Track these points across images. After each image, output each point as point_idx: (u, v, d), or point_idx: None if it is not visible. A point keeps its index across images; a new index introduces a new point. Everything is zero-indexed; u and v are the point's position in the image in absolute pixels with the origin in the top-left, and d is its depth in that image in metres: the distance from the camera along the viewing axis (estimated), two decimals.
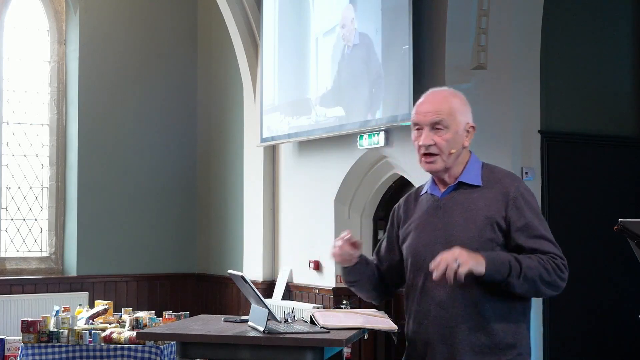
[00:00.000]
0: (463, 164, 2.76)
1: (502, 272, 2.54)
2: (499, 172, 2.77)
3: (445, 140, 2.70)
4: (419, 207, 2.85)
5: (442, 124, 2.70)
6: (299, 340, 4.01)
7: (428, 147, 2.72)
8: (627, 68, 6.90)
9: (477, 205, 2.68)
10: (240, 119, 8.61)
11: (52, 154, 8.97)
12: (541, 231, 2.65)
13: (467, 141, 2.75)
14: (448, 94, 2.77)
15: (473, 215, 2.67)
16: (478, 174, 2.75)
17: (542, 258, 2.59)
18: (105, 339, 5.87)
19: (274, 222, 8.12)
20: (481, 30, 6.00)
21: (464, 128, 2.73)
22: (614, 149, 6.68)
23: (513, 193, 2.67)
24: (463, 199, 2.72)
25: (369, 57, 6.59)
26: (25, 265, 8.78)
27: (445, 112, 2.70)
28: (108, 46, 8.98)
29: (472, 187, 2.73)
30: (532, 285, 2.57)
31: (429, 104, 2.74)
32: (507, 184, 2.70)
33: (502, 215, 2.64)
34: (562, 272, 2.60)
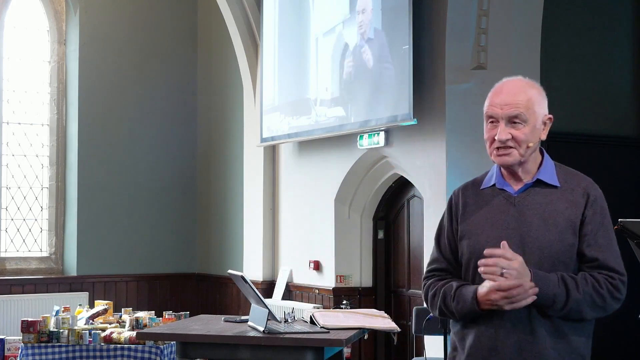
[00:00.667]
0: (538, 160, 2.57)
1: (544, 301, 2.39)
2: (577, 174, 2.60)
3: (524, 134, 2.49)
4: (483, 202, 2.60)
5: (521, 118, 2.49)
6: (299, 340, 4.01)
7: (505, 142, 2.49)
8: (627, 68, 6.90)
9: (558, 207, 2.50)
10: (240, 119, 8.61)
11: (52, 154, 8.97)
12: (608, 240, 2.50)
13: (544, 134, 2.55)
14: (526, 84, 2.57)
15: (553, 217, 2.48)
16: (554, 174, 2.56)
17: (599, 280, 2.44)
18: (105, 339, 5.87)
19: (274, 222, 8.12)
20: (481, 30, 6.00)
21: (542, 121, 2.53)
22: (614, 149, 6.68)
23: (593, 197, 2.52)
24: (541, 198, 2.52)
25: (374, 53, 6.58)
26: (25, 265, 8.78)
27: (524, 104, 2.49)
28: (108, 46, 8.98)
29: (549, 187, 2.54)
30: (576, 314, 2.45)
31: (506, 95, 2.53)
32: (588, 188, 2.54)
33: (580, 218, 2.49)
34: (619, 292, 2.47)
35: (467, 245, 2.55)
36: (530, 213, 2.50)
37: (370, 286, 7.38)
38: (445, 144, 6.02)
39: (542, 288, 2.37)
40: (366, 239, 7.39)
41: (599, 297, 2.43)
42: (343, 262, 7.30)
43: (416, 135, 6.30)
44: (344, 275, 7.28)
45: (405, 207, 7.16)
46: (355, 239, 7.36)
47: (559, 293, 2.39)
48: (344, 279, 7.28)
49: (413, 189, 6.89)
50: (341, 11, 6.97)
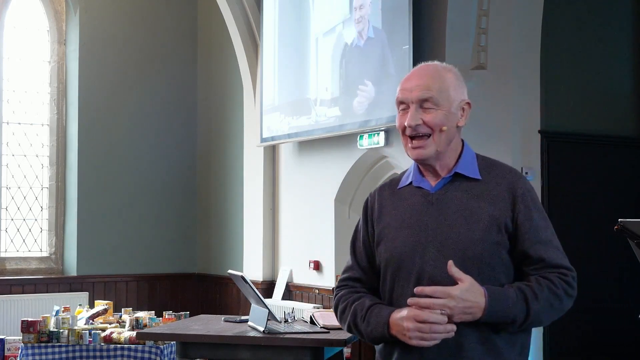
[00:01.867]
0: (457, 152, 2.35)
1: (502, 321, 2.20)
2: (499, 165, 2.37)
3: (436, 118, 2.29)
4: (400, 202, 2.38)
5: (432, 101, 2.29)
6: (299, 340, 4.01)
7: (416, 128, 2.30)
8: (627, 68, 6.90)
9: (480, 202, 2.27)
10: (240, 119, 8.61)
11: (52, 154, 8.97)
12: (548, 236, 2.29)
13: (462, 121, 2.35)
14: (440, 68, 2.37)
15: (475, 214, 2.26)
16: (475, 166, 2.34)
17: (553, 281, 2.23)
18: (105, 339, 5.87)
19: (274, 222, 8.12)
20: (481, 30, 6.00)
21: (457, 106, 2.34)
22: (614, 149, 6.68)
23: (521, 190, 2.29)
24: (461, 194, 2.30)
25: (374, 53, 6.58)
26: (25, 265, 8.78)
27: (436, 87, 2.30)
28: (108, 46, 8.98)
29: (470, 181, 2.32)
30: (537, 324, 2.26)
31: (417, 78, 2.34)
32: (513, 180, 2.31)
33: (509, 215, 2.26)
34: (573, 289, 2.28)
35: (383, 251, 2.35)
36: (450, 211, 2.28)
37: None
38: None
39: (497, 310, 2.17)
40: None
41: (557, 299, 2.23)
42: (343, 262, 7.26)
43: None
44: None
45: None
46: None
47: (518, 310, 2.19)
48: None
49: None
50: (341, 11, 6.97)
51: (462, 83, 2.39)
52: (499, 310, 2.16)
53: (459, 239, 2.24)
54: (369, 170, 7.15)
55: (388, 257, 2.33)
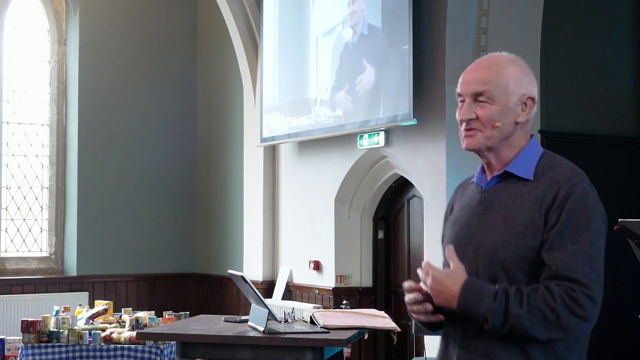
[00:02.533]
0: (517, 148, 2.23)
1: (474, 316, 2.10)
2: (561, 167, 2.19)
3: (489, 113, 2.18)
4: (463, 199, 2.34)
5: (486, 96, 2.18)
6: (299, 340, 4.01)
7: (469, 122, 2.20)
8: (627, 68, 6.90)
9: (522, 204, 2.14)
10: (240, 119, 8.61)
11: (52, 154, 8.97)
12: (574, 245, 2.06)
13: (523, 117, 2.22)
14: (504, 59, 2.24)
15: (515, 216, 2.14)
16: (532, 165, 2.20)
17: (553, 292, 2.04)
18: (105, 339, 5.87)
19: (274, 222, 8.12)
20: (481, 30, 6.00)
21: (518, 100, 2.20)
22: (614, 149, 6.68)
23: (564, 193, 2.11)
24: (508, 193, 2.18)
25: (374, 52, 6.58)
26: (25, 265, 8.78)
27: (490, 81, 2.18)
28: (108, 46, 8.98)
29: (521, 181, 2.19)
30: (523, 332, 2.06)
31: (475, 70, 2.23)
32: (562, 182, 2.13)
33: (544, 218, 2.11)
34: (581, 307, 2.03)
35: (443, 247, 2.33)
36: (493, 211, 2.19)
37: (370, 286, 7.37)
38: (445, 144, 6.01)
39: (470, 303, 2.08)
40: (366, 239, 7.39)
41: (551, 312, 2.02)
42: (343, 262, 7.30)
43: (416, 135, 6.30)
44: (344, 275, 7.28)
45: (405, 207, 7.16)
46: (355, 239, 7.36)
47: (492, 309, 2.05)
48: (344, 279, 7.28)
49: (413, 189, 6.89)
50: (341, 11, 6.97)
51: (529, 76, 2.25)
52: (471, 304, 2.08)
53: (494, 241, 2.15)
54: (369, 170, 7.15)
55: (443, 254, 2.30)
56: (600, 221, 2.12)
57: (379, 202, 7.40)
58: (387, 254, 7.38)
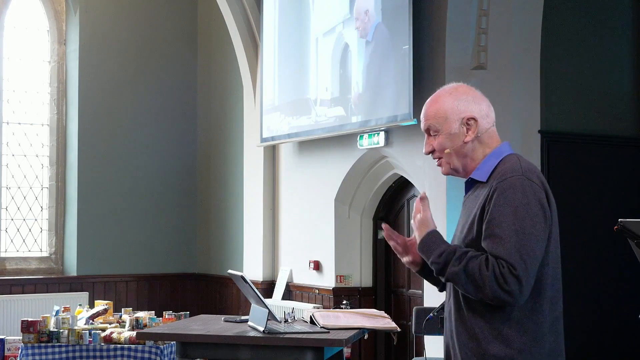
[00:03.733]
0: (480, 159, 2.53)
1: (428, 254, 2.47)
2: (505, 166, 2.47)
3: (439, 143, 2.54)
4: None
5: (433, 129, 2.54)
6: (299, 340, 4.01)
7: (430, 154, 2.58)
8: (627, 68, 6.90)
9: (474, 204, 2.47)
10: (240, 119, 8.61)
11: (52, 154, 8.97)
12: (502, 231, 2.34)
13: (469, 136, 2.52)
14: (440, 94, 2.57)
15: (470, 216, 2.47)
16: (490, 169, 2.49)
17: (488, 262, 2.33)
18: (105, 339, 5.87)
19: (274, 222, 8.12)
20: (481, 30, 6.00)
21: (459, 125, 2.51)
22: (614, 149, 6.68)
23: (494, 188, 2.40)
24: (472, 197, 2.52)
25: (374, 52, 6.58)
26: (25, 265, 8.78)
27: (432, 116, 2.54)
28: (108, 46, 8.98)
29: (482, 184, 2.49)
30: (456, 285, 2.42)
31: (424, 109, 2.59)
32: (497, 178, 2.43)
33: (480, 212, 2.42)
34: (506, 282, 2.29)
35: None
36: (463, 214, 2.55)
37: (370, 286, 7.37)
38: None
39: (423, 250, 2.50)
40: (366, 239, 7.39)
41: (480, 277, 2.32)
42: (343, 262, 7.30)
43: (416, 135, 6.30)
44: (344, 275, 7.28)
45: (405, 207, 7.16)
46: (355, 239, 7.36)
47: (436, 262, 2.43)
48: (344, 279, 7.28)
49: (413, 189, 6.89)
50: (341, 11, 6.97)
51: (465, 100, 2.54)
52: (423, 252, 2.49)
53: (460, 241, 2.49)
54: (369, 170, 7.15)
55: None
56: (530, 210, 2.35)
57: (379, 202, 7.40)
58: (387, 254, 7.37)
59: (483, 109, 2.56)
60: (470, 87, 2.61)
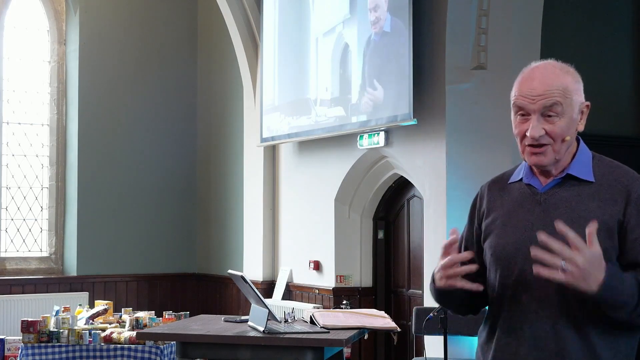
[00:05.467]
0: (572, 153, 2.23)
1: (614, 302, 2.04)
2: (616, 167, 2.23)
3: (560, 129, 2.16)
4: (508, 198, 2.28)
5: (555, 110, 2.16)
6: (299, 340, 4.01)
7: (538, 139, 2.16)
8: (627, 68, 6.90)
9: (589, 205, 2.15)
10: (240, 119, 8.61)
11: (52, 154, 8.97)
12: None
13: (582, 125, 2.24)
14: (559, 69, 2.20)
15: (584, 218, 2.11)
16: (589, 167, 2.22)
17: None
18: (105, 339, 5.87)
19: (274, 222, 8.13)
20: (481, 30, 6.00)
21: (578, 110, 2.21)
22: (614, 149, 6.68)
23: (636, 194, 2.15)
24: (570, 196, 2.18)
25: (374, 52, 6.57)
26: (25, 265, 8.78)
27: (560, 94, 2.16)
28: (108, 46, 8.98)
29: (582, 183, 2.19)
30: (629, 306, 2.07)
31: (539, 83, 2.16)
32: (629, 183, 2.17)
33: (618, 219, 2.13)
34: None
35: (488, 247, 2.27)
36: (557, 213, 2.16)
37: (370, 286, 7.38)
38: (445, 144, 6.02)
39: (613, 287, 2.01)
40: (366, 239, 7.39)
41: None
42: (343, 262, 7.30)
43: (416, 135, 6.30)
44: (344, 275, 7.28)
45: (405, 207, 7.16)
46: (355, 239, 7.36)
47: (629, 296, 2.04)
48: (344, 279, 7.28)
49: (413, 189, 6.89)
50: (341, 11, 6.97)
51: (580, 83, 2.24)
52: (613, 288, 2.00)
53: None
54: (369, 170, 7.15)
55: (492, 254, 2.25)
56: None
57: (379, 202, 7.40)
58: (387, 254, 7.38)
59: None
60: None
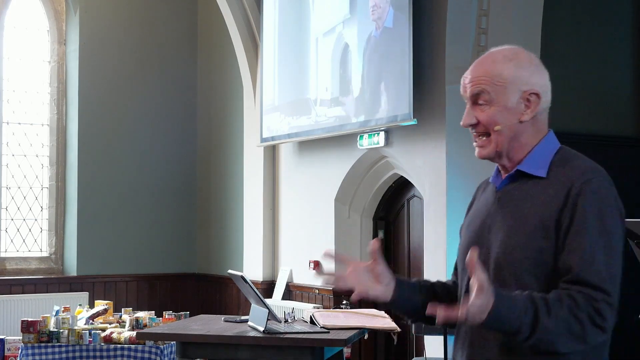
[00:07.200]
0: (530, 146, 2.09)
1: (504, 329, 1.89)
2: (571, 161, 2.06)
3: (488, 117, 2.06)
4: (482, 198, 2.20)
5: (483, 97, 2.06)
6: (299, 340, 4.01)
7: (474, 128, 2.09)
8: (627, 68, 6.90)
9: (534, 203, 2.01)
10: (240, 119, 8.61)
11: (52, 154, 8.97)
12: (591, 246, 1.93)
13: (527, 114, 2.06)
14: (502, 57, 2.12)
15: (525, 216, 2.00)
16: (546, 162, 2.06)
17: (577, 301, 1.89)
18: (105, 339, 5.87)
19: (274, 222, 8.12)
20: (481, 30, 6.00)
21: (519, 99, 2.05)
22: (614, 149, 6.68)
23: (577, 190, 1.97)
24: (520, 193, 2.05)
25: (374, 52, 6.57)
26: (25, 265, 8.78)
27: (487, 80, 2.07)
28: (108, 46, 8.98)
29: (533, 179, 2.05)
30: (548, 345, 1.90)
31: (470, 71, 2.11)
32: (574, 179, 1.99)
33: (556, 218, 1.97)
34: (602, 318, 1.91)
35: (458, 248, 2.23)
36: (506, 212, 2.05)
37: None
38: (445, 144, 6.01)
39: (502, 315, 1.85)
40: (366, 239, 7.39)
41: (577, 324, 1.88)
42: None
43: (416, 135, 6.30)
44: None
45: (405, 207, 7.16)
46: (355, 239, 7.36)
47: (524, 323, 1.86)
48: None
49: (413, 189, 6.89)
50: (341, 11, 6.97)
51: (529, 69, 2.09)
52: (503, 316, 1.85)
53: (504, 242, 2.01)
54: (369, 170, 7.15)
55: (457, 258, 2.21)
56: (617, 220, 2.03)
57: (379, 202, 7.40)
58: (387, 254, 7.37)
59: (545, 84, 2.10)
60: (532, 53, 2.18)
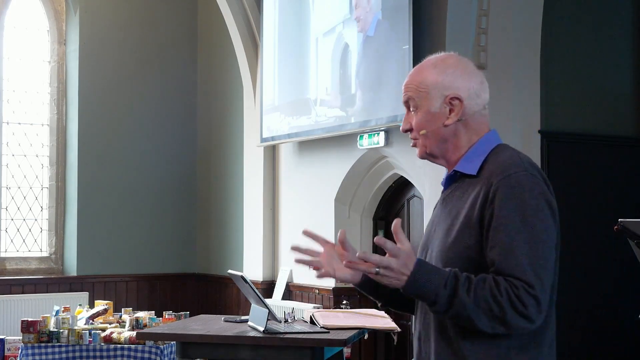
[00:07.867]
0: (466, 148, 2.16)
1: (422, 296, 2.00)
2: (501, 156, 2.11)
3: (416, 121, 2.16)
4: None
5: (412, 104, 2.17)
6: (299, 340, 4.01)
7: (409, 133, 2.21)
8: (627, 68, 6.90)
9: (466, 201, 2.08)
10: (240, 119, 8.61)
11: (52, 154, 8.97)
12: (512, 240, 1.96)
13: (451, 118, 2.13)
14: (429, 64, 2.19)
15: (457, 216, 2.09)
16: (479, 160, 2.12)
17: (499, 285, 1.94)
18: (105, 339, 5.87)
19: (274, 222, 8.12)
20: (481, 30, 6.00)
21: (440, 103, 2.13)
22: (614, 149, 6.68)
23: (496, 186, 2.02)
24: (459, 192, 2.13)
25: (374, 52, 6.57)
26: (25, 265, 8.78)
27: (413, 88, 2.17)
28: (108, 46, 8.98)
29: (467, 177, 2.13)
30: (466, 321, 1.97)
31: (407, 78, 2.23)
32: (496, 174, 2.05)
33: (479, 214, 2.03)
34: (524, 305, 1.93)
35: None
36: (446, 212, 2.14)
37: None
38: None
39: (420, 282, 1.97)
40: (366, 239, 7.39)
41: (496, 305, 1.93)
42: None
43: None
44: None
45: (405, 207, 7.16)
46: (355, 239, 7.36)
47: (442, 295, 1.96)
48: None
49: (413, 189, 6.89)
50: (341, 11, 6.97)
51: (455, 75, 2.14)
52: (420, 284, 1.97)
53: (441, 242, 2.11)
54: (369, 170, 7.15)
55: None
56: (543, 213, 2.02)
57: (379, 202, 7.40)
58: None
59: (472, 87, 2.15)
60: (463, 58, 2.21)
